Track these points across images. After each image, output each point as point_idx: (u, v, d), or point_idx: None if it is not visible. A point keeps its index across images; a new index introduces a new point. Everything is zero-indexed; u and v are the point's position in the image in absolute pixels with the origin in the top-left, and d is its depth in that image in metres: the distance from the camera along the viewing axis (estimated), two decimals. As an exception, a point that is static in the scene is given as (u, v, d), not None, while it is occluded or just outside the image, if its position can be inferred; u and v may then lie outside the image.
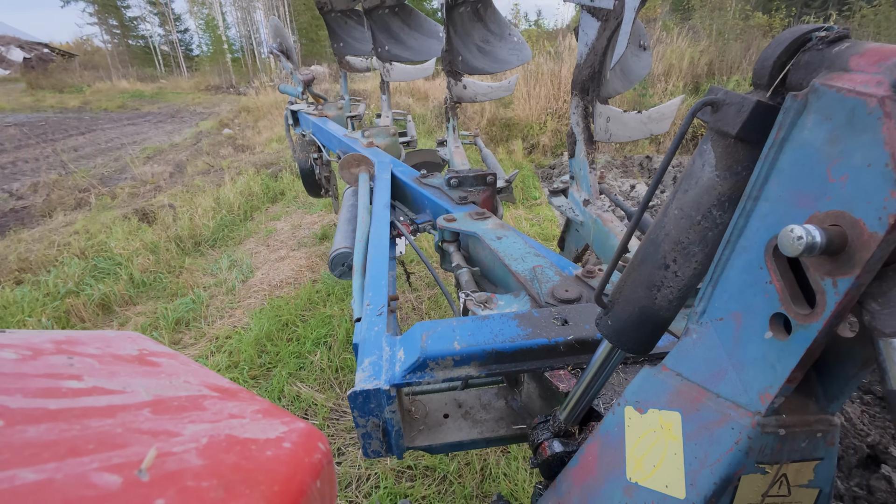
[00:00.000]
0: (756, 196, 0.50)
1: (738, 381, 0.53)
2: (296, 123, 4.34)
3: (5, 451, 0.31)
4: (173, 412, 0.43)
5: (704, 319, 0.59)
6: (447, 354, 0.95)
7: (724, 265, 0.55)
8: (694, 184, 0.59)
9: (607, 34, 1.39)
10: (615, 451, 0.67)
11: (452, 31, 2.44)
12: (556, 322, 1.02)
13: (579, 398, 0.83)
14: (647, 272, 0.64)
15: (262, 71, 29.57)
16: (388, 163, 2.37)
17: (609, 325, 0.70)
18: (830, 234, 0.41)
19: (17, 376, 0.39)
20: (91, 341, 0.50)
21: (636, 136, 1.61)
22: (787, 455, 0.52)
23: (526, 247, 1.43)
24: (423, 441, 1.07)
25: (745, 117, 0.51)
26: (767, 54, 0.50)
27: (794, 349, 0.47)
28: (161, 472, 0.34)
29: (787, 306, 0.47)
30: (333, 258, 1.64)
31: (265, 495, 0.37)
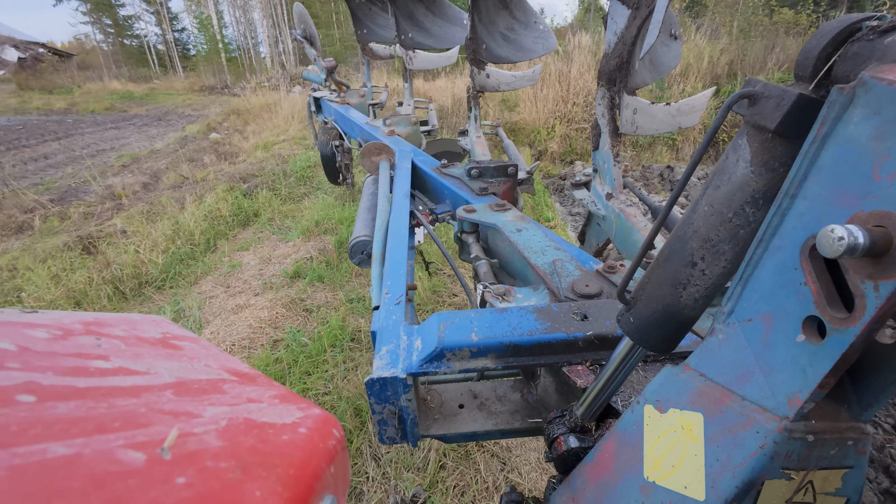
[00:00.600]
0: (794, 194, 0.48)
1: (765, 384, 0.52)
2: (318, 110, 4.37)
3: (37, 426, 0.32)
4: (194, 394, 0.44)
5: (732, 320, 0.57)
6: (464, 346, 0.95)
7: (756, 265, 0.53)
8: (726, 180, 0.56)
9: (637, 23, 1.34)
10: (633, 449, 0.67)
11: (477, 18, 2.40)
12: (576, 317, 1.01)
13: (597, 394, 0.82)
14: (672, 269, 0.63)
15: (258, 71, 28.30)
16: (408, 152, 2.37)
17: (631, 322, 0.69)
18: (874, 235, 0.38)
19: (48, 355, 0.40)
20: (117, 323, 0.52)
21: (664, 129, 1.55)
22: (814, 462, 0.50)
23: (546, 240, 1.41)
24: (438, 430, 1.07)
25: (784, 111, 0.49)
26: (812, 45, 0.48)
27: (828, 354, 0.45)
28: (182, 451, 0.35)
29: (822, 309, 0.45)
30: (353, 246, 1.65)
31: (281, 478, 0.38)
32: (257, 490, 0.36)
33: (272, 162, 8.18)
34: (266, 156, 8.96)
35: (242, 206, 5.87)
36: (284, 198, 6.51)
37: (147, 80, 31.25)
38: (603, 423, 0.87)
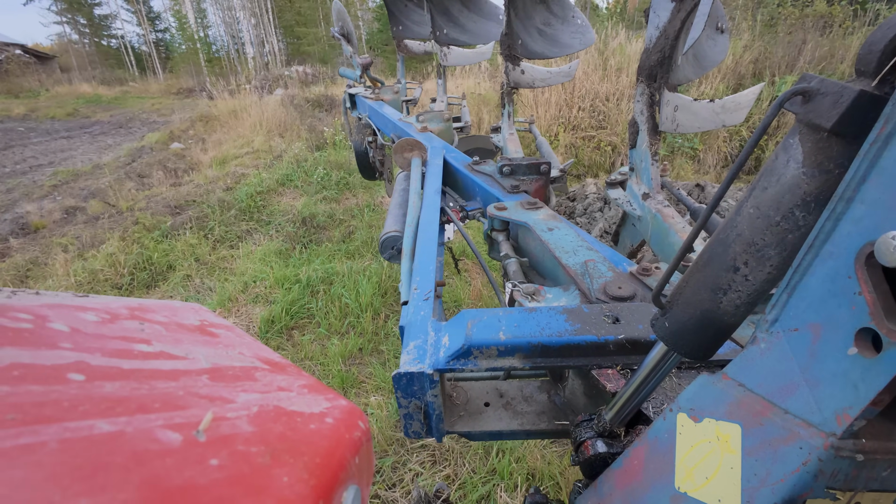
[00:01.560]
0: (850, 197, 0.45)
1: (810, 397, 0.49)
2: (353, 107, 4.44)
3: (86, 403, 0.34)
4: (228, 380, 0.45)
5: (776, 329, 0.54)
6: (492, 344, 0.94)
7: (805, 272, 0.50)
8: (775, 181, 0.54)
9: (681, 16, 1.29)
10: (664, 457, 0.65)
11: (513, 13, 2.37)
12: (607, 319, 0.98)
13: (628, 399, 0.80)
14: (713, 274, 0.60)
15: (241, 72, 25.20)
16: (440, 148, 2.37)
17: (666, 327, 0.67)
18: None
19: (97, 337, 0.42)
20: (159, 310, 0.54)
21: (706, 127, 1.49)
22: (863, 483, 0.47)
23: (578, 240, 1.39)
24: (463, 427, 1.07)
25: (843, 109, 0.46)
26: (877, 37, 0.45)
27: (884, 370, 0.42)
28: (216, 434, 0.37)
29: (878, 321, 0.43)
30: (384, 241, 1.67)
31: (307, 466, 0.39)
32: (285, 476, 0.37)
33: (221, 184, 7.22)
34: (218, 175, 7.85)
35: (153, 257, 4.40)
36: (217, 240, 5.12)
37: (122, 82, 29.41)
38: (633, 429, 0.85)
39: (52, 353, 0.37)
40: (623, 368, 0.95)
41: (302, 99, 13.13)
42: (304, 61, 28.61)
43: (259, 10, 34.48)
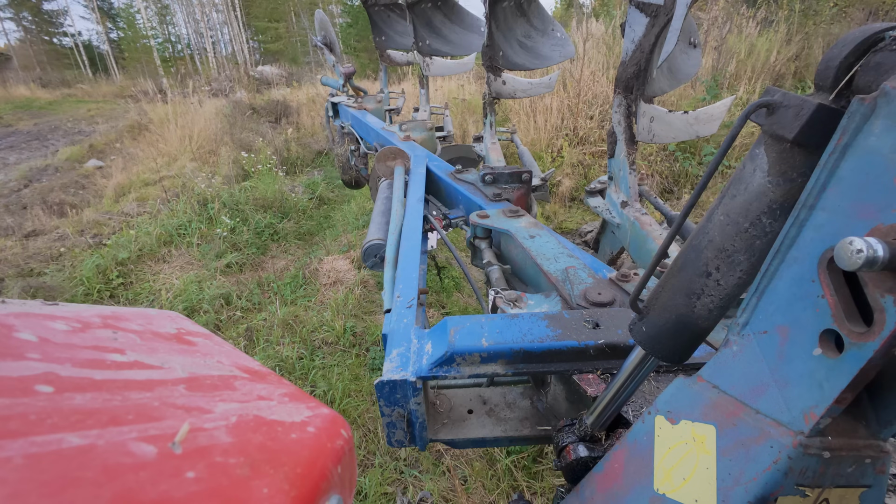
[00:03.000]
0: (812, 205, 0.47)
1: (780, 397, 0.51)
2: (336, 115, 4.43)
3: (54, 416, 0.32)
4: (206, 390, 0.44)
5: (747, 331, 0.56)
6: (475, 351, 0.95)
7: (772, 276, 0.52)
8: (743, 189, 0.56)
9: (656, 31, 1.34)
10: (643, 460, 0.66)
11: (494, 25, 2.41)
12: (588, 325, 1.00)
13: (608, 404, 0.81)
14: (686, 279, 0.62)
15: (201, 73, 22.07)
16: (423, 157, 2.38)
17: (643, 332, 0.68)
18: (894, 248, 0.38)
19: (67, 346, 0.41)
20: (134, 318, 0.53)
21: (681, 138, 1.54)
22: (830, 479, 0.49)
23: (559, 247, 1.40)
24: (447, 435, 1.07)
25: (804, 121, 0.48)
26: (833, 54, 0.47)
27: (846, 369, 0.44)
28: (193, 446, 0.36)
29: (839, 323, 0.45)
30: (366, 249, 1.67)
31: (288, 476, 0.38)
32: (265, 487, 0.36)
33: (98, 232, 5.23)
34: (101, 217, 5.62)
35: None
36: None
37: (67, 84, 25.47)
38: (613, 432, 0.86)
39: (18, 364, 0.36)
40: (603, 373, 0.97)
41: (247, 106, 10.58)
42: (275, 61, 26.38)
43: (226, 4, 31.84)
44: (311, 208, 6.14)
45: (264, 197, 5.67)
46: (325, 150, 8.27)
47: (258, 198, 5.66)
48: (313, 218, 5.97)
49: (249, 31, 35.87)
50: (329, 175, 7.55)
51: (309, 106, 11.95)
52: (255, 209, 5.43)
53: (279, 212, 5.65)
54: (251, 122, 9.67)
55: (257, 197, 5.68)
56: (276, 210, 5.64)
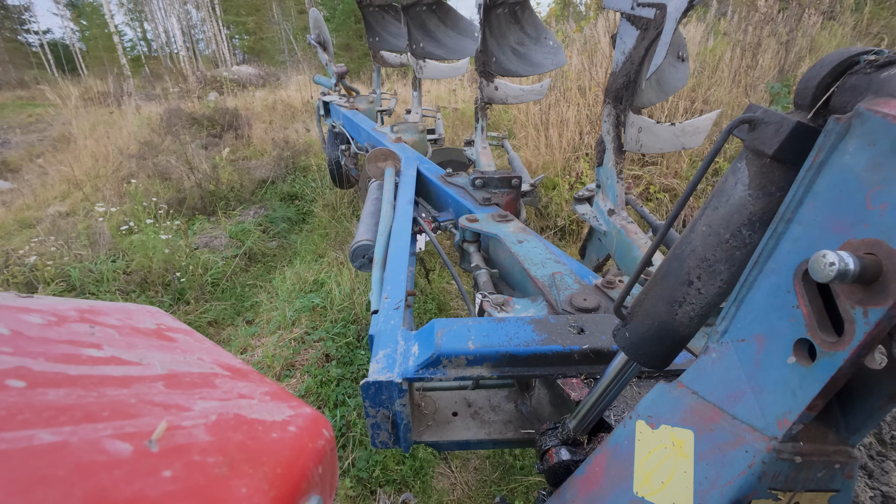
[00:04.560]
0: (789, 218, 0.49)
1: (755, 404, 0.52)
2: (327, 114, 4.42)
3: (26, 412, 0.32)
4: (185, 387, 0.44)
5: (725, 339, 0.57)
6: (461, 353, 0.95)
7: (751, 286, 0.54)
8: (725, 201, 0.57)
9: (645, 43, 1.37)
10: (623, 463, 0.67)
11: (488, 31, 2.44)
12: (573, 330, 1.01)
13: (590, 408, 0.82)
14: (669, 287, 0.63)
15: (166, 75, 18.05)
16: (414, 159, 2.39)
17: (626, 338, 0.70)
18: (865, 262, 0.40)
19: (41, 340, 0.40)
20: (112, 312, 0.52)
21: (667, 149, 1.57)
22: (801, 484, 0.51)
23: (546, 252, 1.42)
24: (431, 437, 1.07)
25: (783, 137, 0.50)
26: (812, 75, 0.49)
27: (818, 377, 0.45)
28: (170, 444, 0.35)
29: (813, 332, 0.46)
30: (355, 249, 1.66)
31: (267, 476, 0.38)
32: (243, 487, 0.36)
33: None
34: None
35: None
36: None
37: (26, 85, 22.56)
38: (595, 436, 0.87)
39: None
40: (587, 377, 0.98)
41: (186, 115, 8.47)
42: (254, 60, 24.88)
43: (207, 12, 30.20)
44: (227, 276, 3.89)
45: (145, 268, 3.62)
46: (270, 179, 5.99)
47: (135, 271, 3.65)
48: (230, 293, 3.76)
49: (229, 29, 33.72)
50: (273, 216, 5.14)
51: (267, 114, 9.58)
52: (122, 293, 3.50)
53: (167, 292, 3.56)
54: (186, 136, 7.64)
55: (133, 270, 3.67)
56: (159, 290, 3.57)
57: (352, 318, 2.93)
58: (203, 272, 3.76)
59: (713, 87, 5.23)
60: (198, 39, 36.45)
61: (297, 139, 7.56)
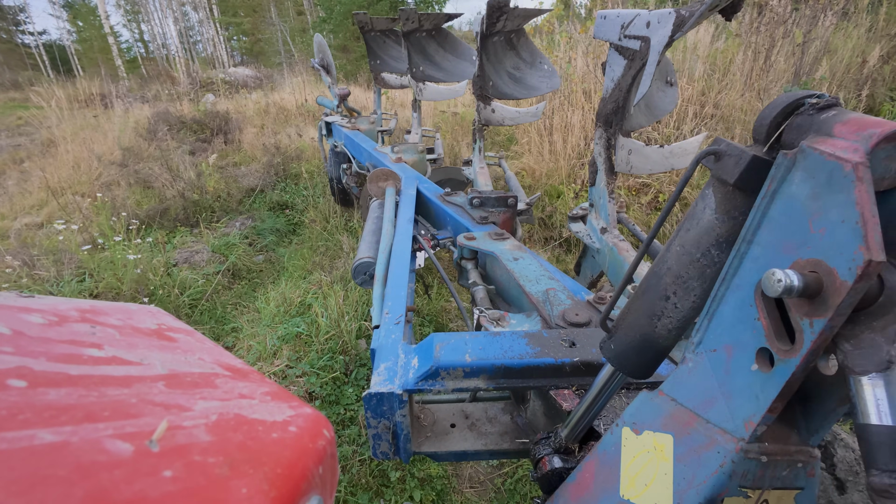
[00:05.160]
0: (749, 240, 0.55)
1: (726, 408, 0.57)
2: (328, 134, 4.52)
3: (27, 411, 0.31)
4: (186, 387, 0.44)
5: (700, 350, 0.62)
6: (458, 366, 0.99)
7: (720, 301, 0.59)
8: (695, 224, 0.63)
9: (632, 72, 1.43)
10: (611, 469, 0.71)
11: (485, 57, 2.53)
12: (565, 344, 1.04)
13: (581, 417, 0.86)
14: (649, 302, 0.68)
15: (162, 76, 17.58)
16: (414, 178, 2.45)
17: (612, 350, 0.74)
18: (808, 279, 0.45)
19: (42, 340, 0.40)
20: (113, 312, 0.52)
21: (657, 170, 1.62)
22: (768, 482, 0.55)
23: (541, 269, 1.45)
24: (430, 448, 1.11)
25: (742, 168, 0.56)
26: (766, 114, 0.56)
27: (776, 381, 0.50)
28: (170, 444, 0.35)
29: (771, 342, 0.51)
30: (356, 267, 1.70)
31: (268, 476, 0.38)
32: (244, 487, 0.36)
33: None
34: None
35: None
36: None
37: (20, 86, 21.78)
38: (586, 445, 0.90)
39: None
40: (578, 389, 1.01)
41: (175, 119, 8.14)
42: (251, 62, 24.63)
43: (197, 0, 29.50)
44: (207, 296, 3.59)
45: (114, 289, 3.37)
46: (259, 187, 5.70)
47: (104, 292, 3.39)
48: (210, 314, 3.52)
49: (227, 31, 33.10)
50: (261, 227, 4.86)
51: (259, 118, 9.14)
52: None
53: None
54: (173, 141, 7.35)
55: (101, 292, 3.41)
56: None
57: (339, 348, 2.67)
58: (180, 292, 3.47)
59: (724, 91, 5.08)
60: (196, 41, 35.71)
61: (289, 144, 7.17)
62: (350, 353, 2.64)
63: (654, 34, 1.28)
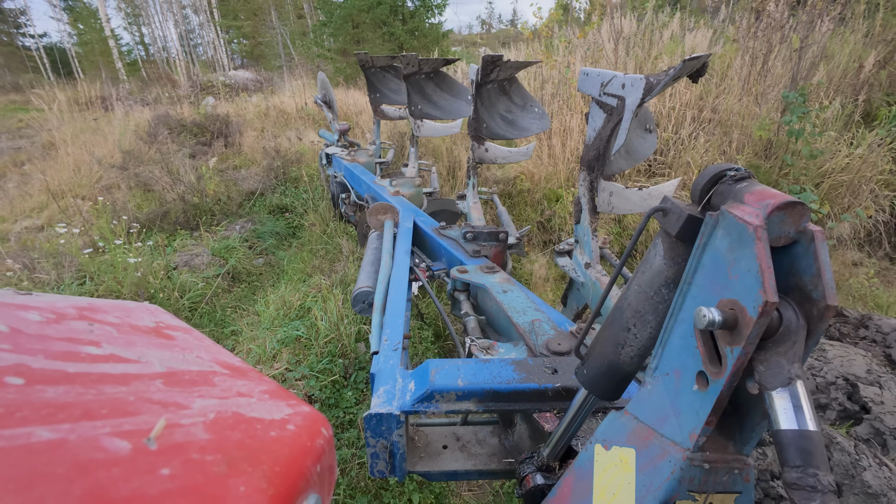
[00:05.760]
0: (689, 281, 0.66)
1: (676, 423, 0.66)
2: (329, 164, 4.67)
3: (24, 409, 0.31)
4: (184, 385, 0.44)
5: (656, 374, 0.72)
6: (451, 389, 1.08)
7: (670, 332, 0.70)
8: (649, 267, 0.75)
9: (611, 125, 1.58)
10: (586, 482, 0.79)
11: (479, 103, 2.70)
12: (548, 371, 1.12)
13: (560, 437, 0.95)
14: (614, 333, 0.79)
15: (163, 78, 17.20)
16: (411, 212, 2.56)
17: (585, 375, 0.84)
18: (726, 315, 0.56)
19: (40, 338, 0.40)
20: (111, 310, 0.52)
21: (636, 210, 1.73)
22: (711, 486, 0.64)
23: (528, 301, 1.53)
24: (423, 467, 1.18)
25: (681, 224, 0.68)
26: (699, 180, 0.68)
27: (709, 398, 0.60)
28: (168, 442, 0.35)
29: (706, 366, 0.62)
30: (356, 295, 1.77)
31: (266, 475, 0.38)
32: (242, 485, 0.36)
33: None
34: None
35: None
36: None
37: (21, 89, 22.47)
38: (565, 462, 0.98)
39: None
40: (559, 412, 1.09)
41: (175, 122, 8.07)
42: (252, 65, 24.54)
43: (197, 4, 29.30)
44: (207, 299, 3.64)
45: (114, 292, 3.45)
46: (259, 190, 5.71)
47: (104, 295, 3.41)
48: (210, 318, 3.58)
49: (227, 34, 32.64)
50: (261, 231, 4.89)
51: (259, 121, 9.07)
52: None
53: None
54: (173, 144, 7.32)
55: (101, 295, 3.43)
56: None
57: (339, 352, 2.69)
58: (180, 295, 3.53)
59: (722, 96, 5.16)
60: (196, 44, 35.46)
61: (289, 148, 7.16)
62: (349, 357, 2.67)
63: (629, 95, 1.43)
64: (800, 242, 0.56)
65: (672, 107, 5.20)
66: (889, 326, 2.61)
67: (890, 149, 4.55)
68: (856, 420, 2.10)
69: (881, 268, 4.29)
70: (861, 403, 2.12)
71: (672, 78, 1.33)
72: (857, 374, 2.21)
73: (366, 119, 8.23)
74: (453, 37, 27.54)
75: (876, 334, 2.61)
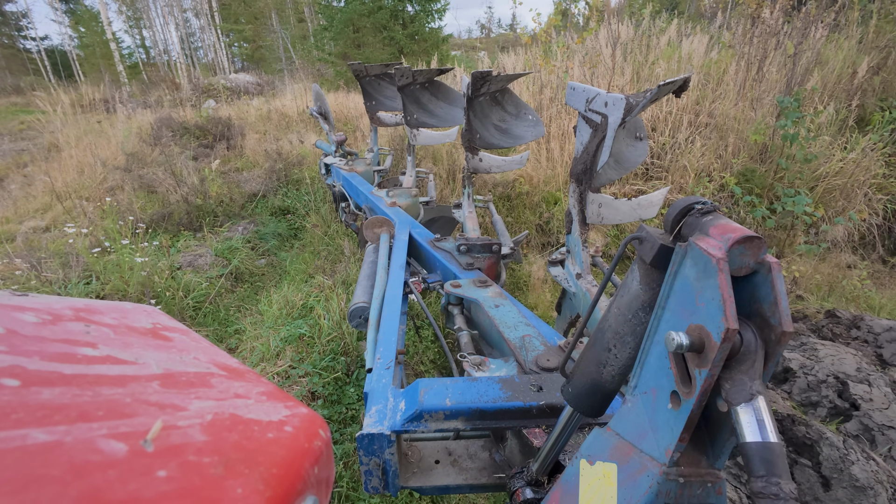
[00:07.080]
0: (663, 306, 0.70)
1: (653, 439, 0.69)
2: (328, 174, 4.71)
3: (20, 410, 0.31)
4: (181, 387, 0.43)
5: (636, 392, 0.76)
6: (439, 409, 1.11)
7: (647, 353, 0.73)
8: (627, 292, 0.78)
9: (597, 140, 1.62)
10: (572, 496, 0.81)
11: (472, 114, 2.74)
12: (533, 388, 1.16)
13: (548, 452, 0.98)
14: (596, 352, 0.82)
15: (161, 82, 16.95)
16: (407, 224, 2.59)
17: (570, 392, 0.87)
18: (693, 338, 0.60)
19: (36, 339, 0.40)
20: (108, 311, 0.52)
21: (626, 220, 1.76)
22: (686, 499, 0.66)
23: (519, 316, 1.57)
24: (416, 482, 1.20)
25: (654, 252, 0.71)
26: (671, 212, 0.72)
27: (682, 416, 0.64)
28: (165, 444, 0.35)
29: (678, 386, 0.65)
30: (352, 311, 1.81)
31: (263, 476, 0.38)
32: (239, 487, 0.36)
33: None
34: None
35: None
36: None
37: (22, 91, 22.71)
38: (553, 477, 1.00)
39: None
40: (548, 427, 1.10)
41: (178, 124, 8.16)
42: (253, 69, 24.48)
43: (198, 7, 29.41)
44: (210, 299, 3.69)
45: (121, 291, 3.50)
46: (261, 192, 5.78)
47: (110, 294, 3.52)
48: (213, 317, 3.63)
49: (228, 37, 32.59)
50: (263, 232, 4.96)
51: (261, 124, 9.13)
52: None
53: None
54: (176, 146, 7.38)
55: (108, 294, 3.52)
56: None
57: (341, 350, 2.75)
58: (184, 295, 3.59)
59: (718, 101, 5.24)
60: (197, 47, 35.55)
61: (291, 150, 7.27)
62: (351, 355, 2.73)
63: (611, 114, 1.47)
64: (759, 272, 0.60)
65: (669, 111, 5.31)
66: (880, 327, 2.66)
67: (883, 153, 4.65)
68: (845, 416, 2.15)
69: (874, 270, 4.39)
70: (851, 401, 2.16)
71: (649, 101, 1.38)
72: (847, 372, 2.26)
73: (367, 122, 8.19)
74: (453, 41, 28.09)
75: (868, 335, 2.67)
